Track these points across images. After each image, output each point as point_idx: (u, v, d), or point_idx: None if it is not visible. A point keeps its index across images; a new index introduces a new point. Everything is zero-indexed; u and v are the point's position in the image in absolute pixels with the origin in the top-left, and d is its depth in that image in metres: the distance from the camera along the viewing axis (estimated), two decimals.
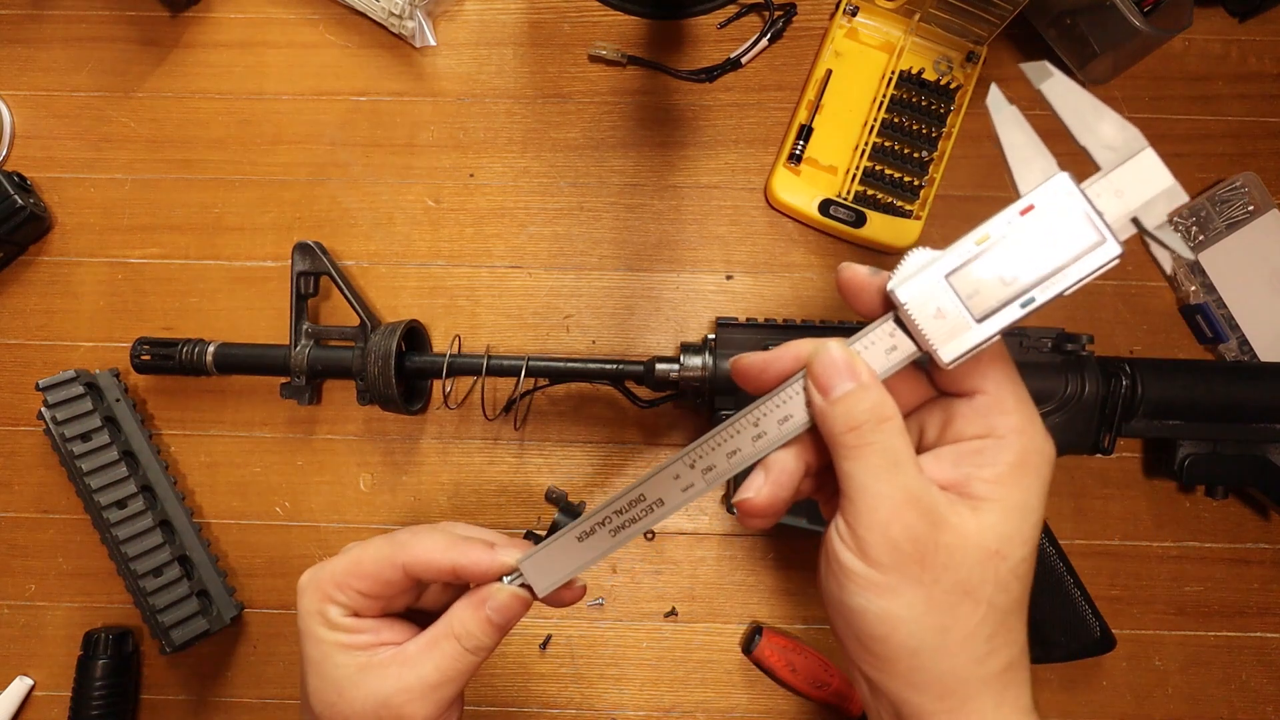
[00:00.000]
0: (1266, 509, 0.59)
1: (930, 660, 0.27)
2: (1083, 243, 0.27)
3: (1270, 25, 0.64)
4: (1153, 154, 0.28)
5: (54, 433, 0.55)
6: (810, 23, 0.64)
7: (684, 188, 0.63)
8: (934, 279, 0.28)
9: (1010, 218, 0.28)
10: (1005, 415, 0.29)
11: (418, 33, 0.62)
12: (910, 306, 0.28)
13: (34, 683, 0.59)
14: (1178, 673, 0.58)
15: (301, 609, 0.34)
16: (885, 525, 0.27)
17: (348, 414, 0.61)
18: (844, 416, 0.28)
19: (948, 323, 0.28)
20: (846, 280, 0.30)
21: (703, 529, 0.60)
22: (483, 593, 0.34)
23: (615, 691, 0.58)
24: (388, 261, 0.62)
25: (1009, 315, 0.28)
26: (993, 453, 0.28)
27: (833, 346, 0.29)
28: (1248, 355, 0.59)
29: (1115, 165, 0.28)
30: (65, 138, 0.64)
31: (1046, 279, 0.27)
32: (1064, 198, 0.27)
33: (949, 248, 0.28)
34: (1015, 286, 0.28)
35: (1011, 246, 0.28)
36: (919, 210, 0.60)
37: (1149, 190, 0.28)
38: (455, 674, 0.33)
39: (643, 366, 0.54)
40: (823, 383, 0.29)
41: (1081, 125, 0.29)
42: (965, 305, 0.28)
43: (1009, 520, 0.28)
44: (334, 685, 0.33)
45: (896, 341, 0.29)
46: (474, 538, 0.34)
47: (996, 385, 0.29)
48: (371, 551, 0.34)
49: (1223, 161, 0.62)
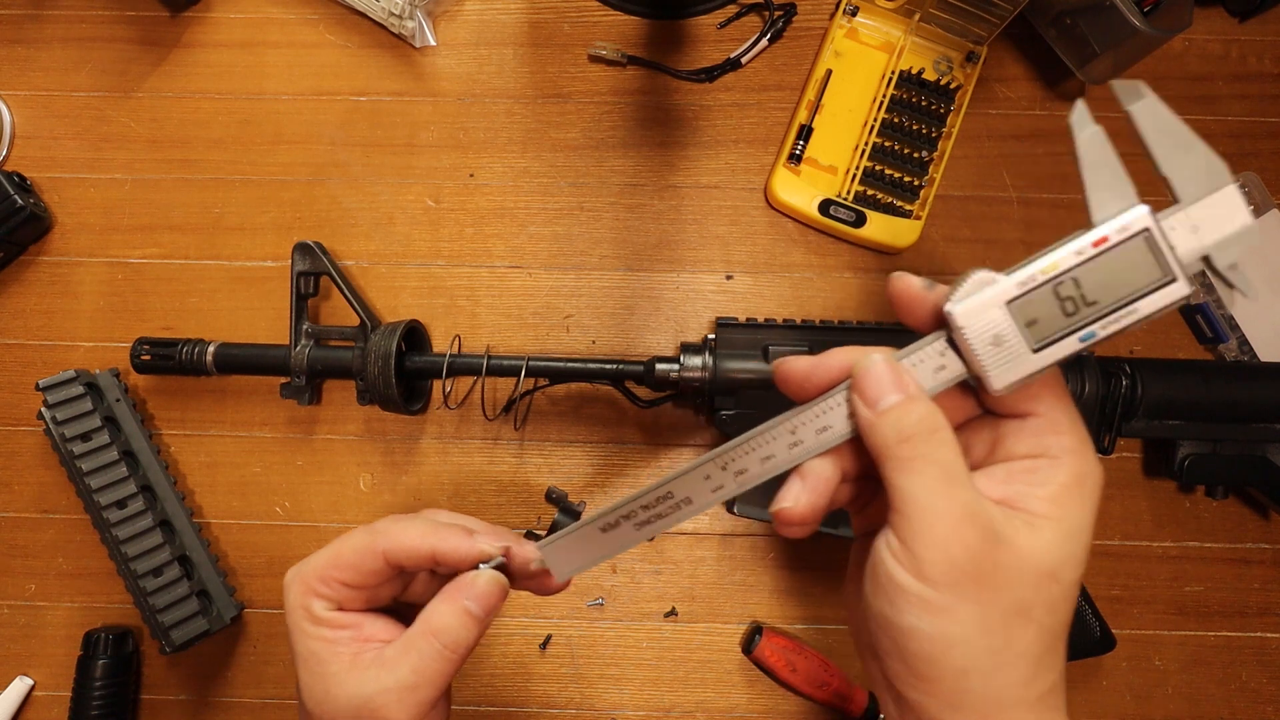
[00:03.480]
0: (1266, 509, 0.59)
1: (979, 682, 0.27)
2: (1151, 278, 0.26)
3: (1270, 25, 0.64)
4: (1236, 191, 0.27)
5: (54, 433, 0.55)
6: (810, 23, 0.64)
7: (684, 188, 0.63)
8: (994, 304, 0.27)
9: (1081, 248, 0.27)
10: (1059, 436, 0.28)
11: (418, 33, 0.62)
12: (967, 330, 0.27)
13: (34, 683, 0.59)
14: (1178, 673, 0.58)
15: (287, 605, 0.34)
16: (944, 543, 0.26)
17: (348, 414, 0.61)
18: (894, 428, 0.27)
19: (1003, 350, 0.27)
20: (899, 291, 0.29)
21: (703, 529, 0.60)
22: (459, 583, 0.33)
23: (615, 691, 0.58)
24: (388, 261, 0.62)
25: (1067, 348, 0.27)
26: (1047, 472, 0.27)
27: (879, 359, 0.28)
28: (1248, 355, 0.59)
29: (1195, 200, 0.27)
30: (65, 138, 0.64)
31: (1110, 314, 0.26)
32: (1140, 231, 0.26)
33: (1012, 272, 0.27)
34: (1077, 319, 0.27)
35: (1079, 277, 0.27)
36: (919, 210, 0.60)
37: (1226, 229, 0.27)
38: (433, 675, 0.32)
39: (643, 366, 0.54)
40: (870, 394, 0.28)
41: (1168, 154, 0.27)
42: (1023, 333, 0.27)
43: (1066, 541, 0.27)
44: (322, 681, 0.33)
45: (946, 361, 0.28)
46: (454, 524, 0.34)
47: (1050, 407, 0.28)
48: (351, 542, 0.34)
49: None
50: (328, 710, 0.32)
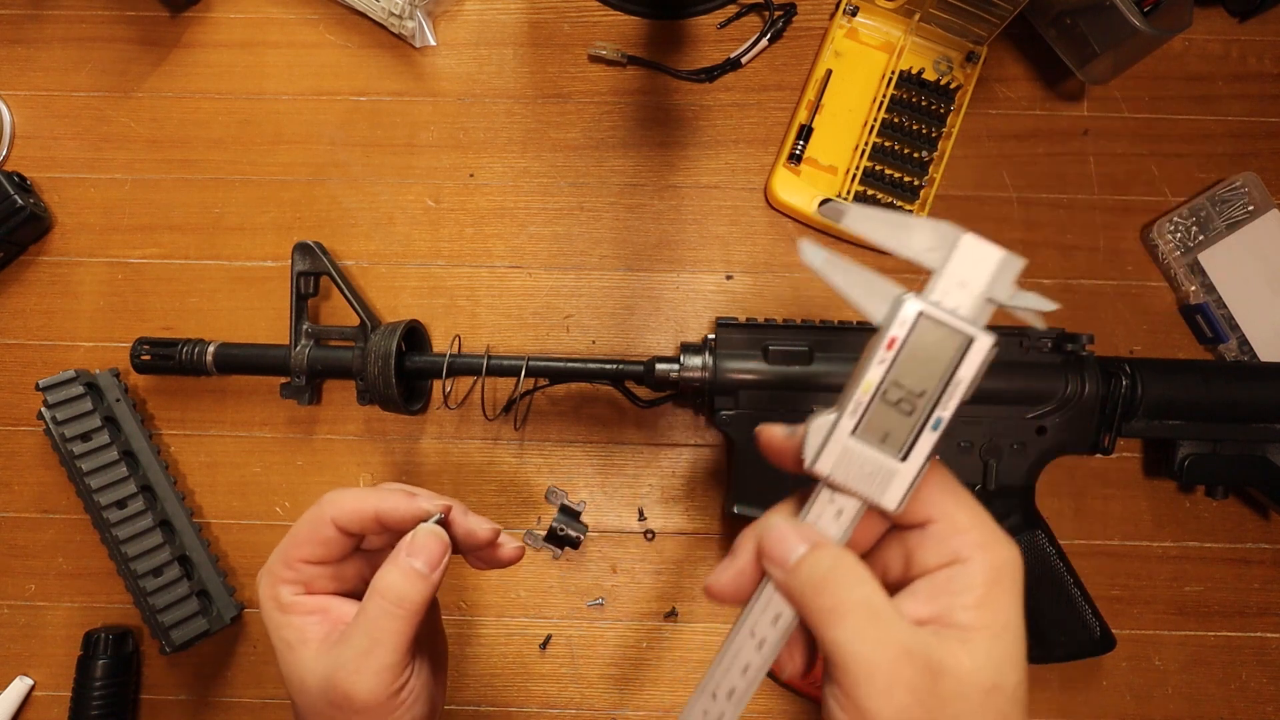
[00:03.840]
0: (1266, 509, 0.59)
1: None
2: (954, 348, 0.27)
3: (1270, 25, 0.64)
4: (972, 237, 0.28)
5: (54, 433, 0.55)
6: (810, 23, 0.64)
7: (684, 188, 0.63)
8: (843, 442, 0.28)
9: (881, 356, 0.28)
10: (963, 535, 0.28)
11: (418, 33, 0.62)
12: (836, 474, 0.28)
13: (34, 683, 0.59)
14: (1178, 673, 0.58)
15: (260, 601, 0.35)
16: (887, 690, 0.26)
17: (348, 414, 0.61)
18: (808, 580, 0.28)
19: (876, 473, 0.28)
20: (765, 445, 0.30)
21: (702, 529, 0.60)
22: (400, 543, 0.34)
23: (615, 691, 0.58)
24: (388, 261, 0.62)
25: (927, 443, 0.28)
26: (964, 578, 0.27)
27: (776, 519, 0.29)
28: (1248, 355, 0.59)
29: (945, 262, 0.28)
30: (65, 138, 0.64)
31: (942, 395, 0.27)
32: (916, 316, 0.27)
33: (843, 405, 0.28)
34: (919, 414, 0.28)
35: (896, 380, 0.28)
36: (919, 210, 0.60)
37: (986, 270, 0.28)
38: (385, 634, 0.32)
39: (643, 366, 0.54)
40: (777, 556, 0.28)
41: (898, 240, 0.28)
42: (883, 451, 0.28)
43: (998, 646, 0.27)
44: (297, 669, 0.33)
45: (840, 504, 0.29)
46: (398, 489, 0.36)
47: (944, 509, 0.28)
48: (303, 518, 0.35)
49: (1223, 161, 0.62)
50: (306, 698, 0.33)
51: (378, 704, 0.32)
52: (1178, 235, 0.60)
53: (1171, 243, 0.60)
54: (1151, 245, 0.61)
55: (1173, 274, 0.61)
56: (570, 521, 0.57)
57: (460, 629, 0.59)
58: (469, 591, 0.60)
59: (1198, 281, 0.60)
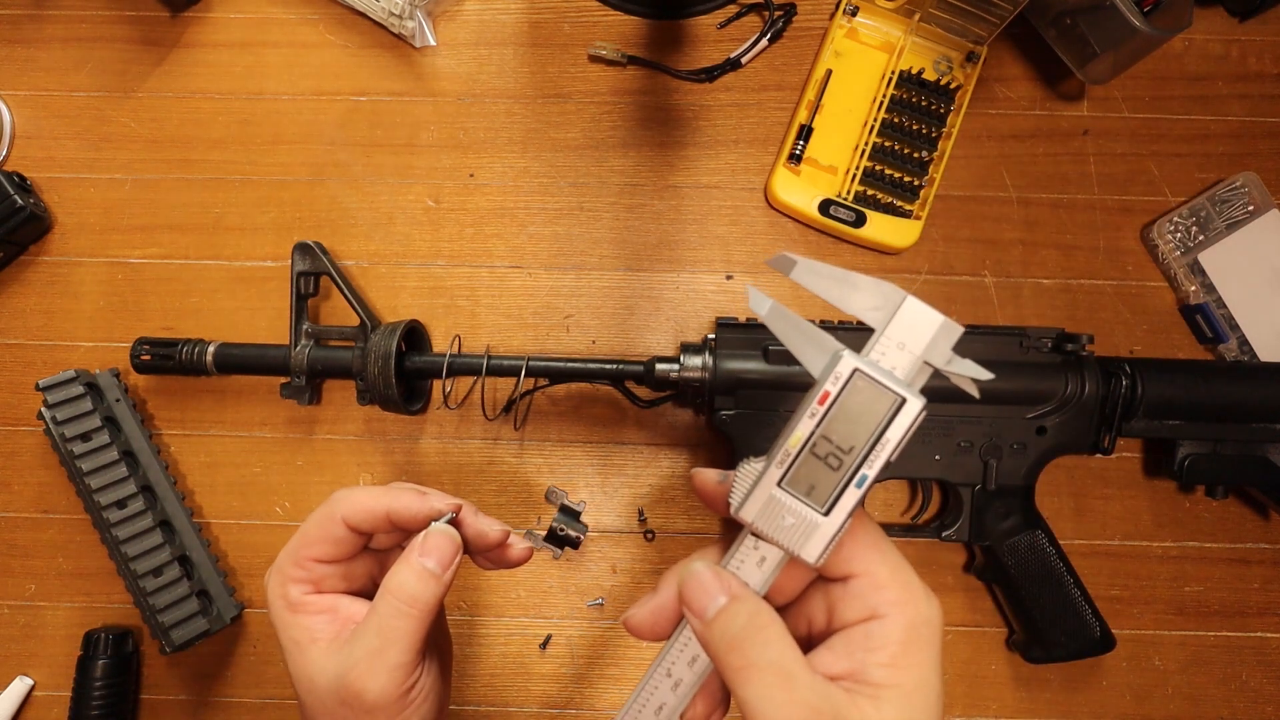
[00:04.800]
0: (1266, 509, 0.59)
1: None
2: (886, 407, 0.28)
3: (1270, 25, 0.64)
4: (915, 301, 0.28)
5: (54, 433, 0.55)
6: (810, 23, 0.64)
7: (684, 188, 0.63)
8: (769, 491, 0.28)
9: (812, 410, 0.28)
10: (882, 591, 0.28)
11: (418, 33, 0.62)
12: (759, 522, 0.28)
13: (34, 683, 0.59)
14: (1178, 673, 0.58)
15: (269, 601, 0.35)
16: None
17: (348, 414, 0.61)
18: (722, 635, 0.28)
19: (799, 525, 0.28)
20: (699, 488, 0.31)
21: (702, 529, 0.60)
22: (412, 543, 0.34)
23: (615, 691, 0.58)
24: (388, 261, 0.62)
25: (850, 499, 0.28)
26: (880, 634, 0.28)
27: (698, 566, 0.29)
28: (1248, 355, 0.59)
29: (886, 322, 0.28)
30: (65, 138, 0.64)
31: (869, 453, 0.28)
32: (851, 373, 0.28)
33: (771, 454, 0.28)
34: (845, 470, 0.28)
35: (826, 435, 0.28)
36: (919, 210, 0.60)
37: (925, 334, 0.28)
38: (397, 634, 0.32)
39: (643, 366, 0.54)
40: (696, 606, 0.29)
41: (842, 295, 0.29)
42: (808, 504, 0.28)
43: (910, 705, 0.27)
44: (306, 669, 0.33)
45: (764, 552, 0.29)
46: (407, 487, 0.36)
47: (866, 564, 0.29)
48: (313, 517, 0.35)
49: (1223, 161, 0.62)
50: (315, 696, 0.33)
51: (389, 703, 0.32)
52: (1178, 235, 0.60)
53: (1171, 243, 0.60)
54: (1151, 245, 0.61)
55: (1173, 274, 0.61)
56: (570, 521, 0.57)
57: (461, 629, 0.59)
58: (469, 592, 0.60)
59: (1198, 281, 0.60)
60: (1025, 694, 0.58)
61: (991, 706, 0.58)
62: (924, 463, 0.54)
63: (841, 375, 0.28)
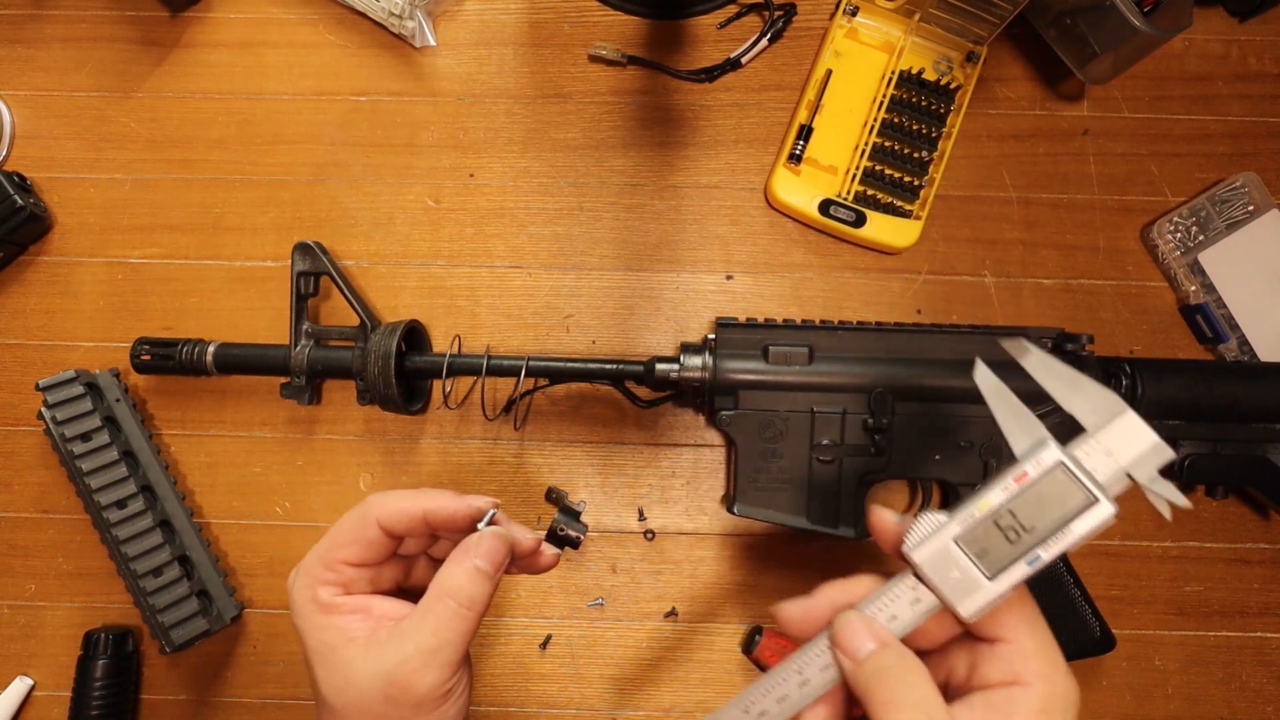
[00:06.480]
0: (1266, 509, 0.59)
1: None
2: (1078, 503, 0.29)
3: (1270, 25, 0.64)
4: (1134, 415, 0.29)
5: (54, 433, 0.55)
6: (810, 23, 0.64)
7: (684, 188, 0.63)
8: (945, 543, 0.30)
9: (1007, 484, 0.30)
10: (1028, 661, 0.30)
11: (418, 33, 0.62)
12: (926, 568, 0.30)
13: (34, 683, 0.59)
14: (1178, 673, 0.58)
15: (294, 603, 0.35)
16: None
17: (348, 414, 0.61)
18: (873, 675, 0.29)
19: (963, 581, 0.30)
20: (876, 526, 0.33)
21: (703, 529, 0.60)
22: (465, 544, 0.35)
23: (615, 691, 0.58)
24: (388, 261, 0.62)
25: (1018, 573, 0.29)
26: (1021, 700, 0.29)
27: (853, 616, 0.31)
28: (1248, 355, 0.59)
29: (1100, 428, 0.30)
30: (65, 138, 0.64)
31: (1049, 538, 0.29)
32: (1054, 464, 0.29)
33: (956, 512, 0.30)
34: (1021, 546, 0.29)
35: (1012, 510, 0.30)
36: (919, 210, 0.60)
37: (1136, 449, 0.30)
38: (453, 634, 0.33)
39: (643, 366, 0.54)
40: (849, 648, 0.30)
41: (1065, 394, 0.31)
42: (977, 565, 0.30)
43: None
44: (339, 670, 0.33)
45: (919, 595, 0.31)
46: (442, 489, 0.36)
47: (1016, 632, 0.30)
48: (345, 519, 0.35)
49: (1223, 161, 0.62)
50: (351, 698, 0.33)
51: (436, 698, 0.33)
52: (1178, 235, 0.60)
53: (1171, 243, 0.60)
54: (1151, 245, 0.61)
55: (1173, 274, 0.61)
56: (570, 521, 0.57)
57: None
58: None
59: (1198, 281, 0.60)
60: None
61: None
62: (924, 463, 0.54)
63: (1044, 463, 0.29)
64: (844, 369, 0.53)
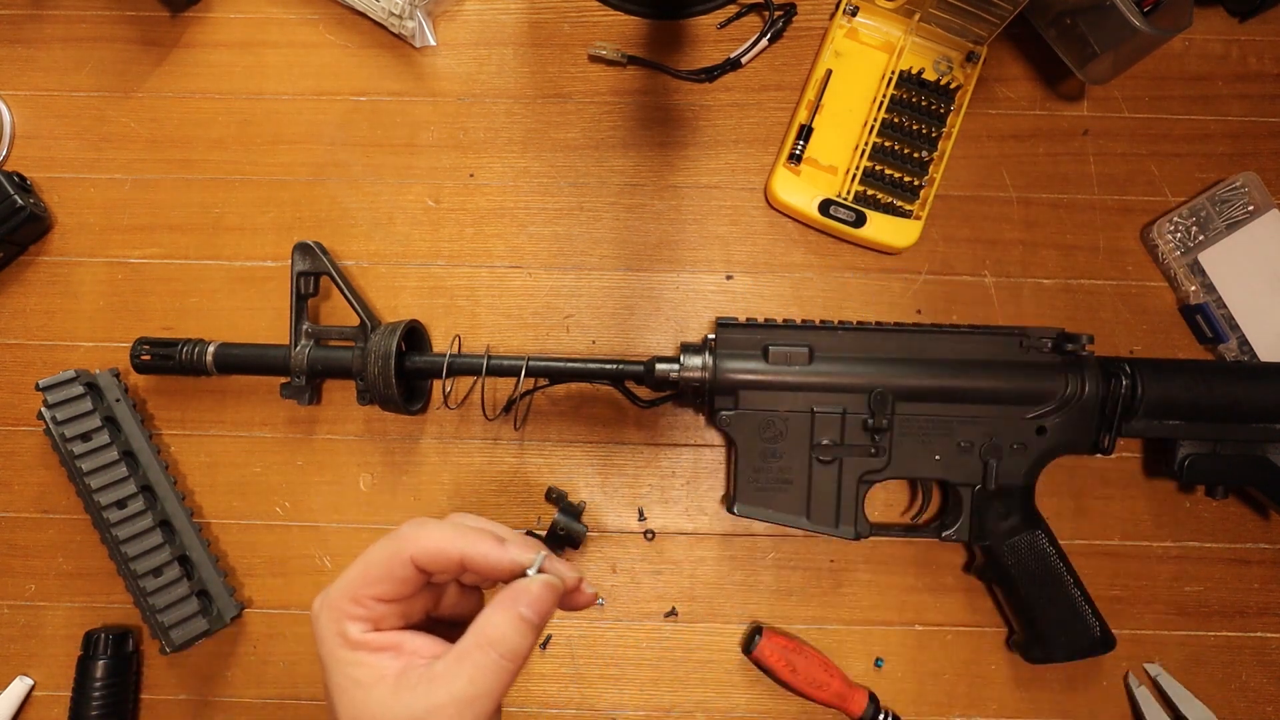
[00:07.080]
0: (1266, 509, 0.59)
1: None
2: None
3: (1270, 25, 0.64)
4: None
5: (54, 433, 0.55)
6: (810, 23, 0.64)
7: (684, 188, 0.63)
8: None
9: None
10: None
11: (418, 33, 0.62)
12: None
13: (34, 683, 0.59)
14: (1178, 673, 0.58)
15: (319, 635, 0.32)
16: None
17: (348, 414, 0.61)
18: None
19: None
20: None
21: (703, 529, 0.60)
22: (512, 590, 0.32)
23: (615, 691, 0.58)
24: (388, 261, 0.62)
25: None
26: None
27: None
28: (1248, 355, 0.59)
29: None
30: (65, 138, 0.64)
31: None
32: None
33: None
34: None
35: None
36: (919, 210, 0.60)
37: None
38: (491, 686, 0.31)
39: (643, 366, 0.54)
40: None
41: None
42: None
43: None
44: (364, 709, 0.31)
45: None
46: (482, 529, 0.33)
47: None
48: (377, 552, 0.32)
49: (1223, 161, 0.62)
50: None
51: None
52: (1178, 235, 0.60)
53: (1171, 243, 0.60)
54: (1151, 245, 0.61)
55: (1173, 274, 0.61)
56: (570, 521, 0.57)
57: None
58: None
59: (1198, 281, 0.60)
60: (1025, 694, 0.58)
61: (991, 706, 0.58)
62: (924, 463, 0.54)
63: None
64: (844, 369, 0.53)
